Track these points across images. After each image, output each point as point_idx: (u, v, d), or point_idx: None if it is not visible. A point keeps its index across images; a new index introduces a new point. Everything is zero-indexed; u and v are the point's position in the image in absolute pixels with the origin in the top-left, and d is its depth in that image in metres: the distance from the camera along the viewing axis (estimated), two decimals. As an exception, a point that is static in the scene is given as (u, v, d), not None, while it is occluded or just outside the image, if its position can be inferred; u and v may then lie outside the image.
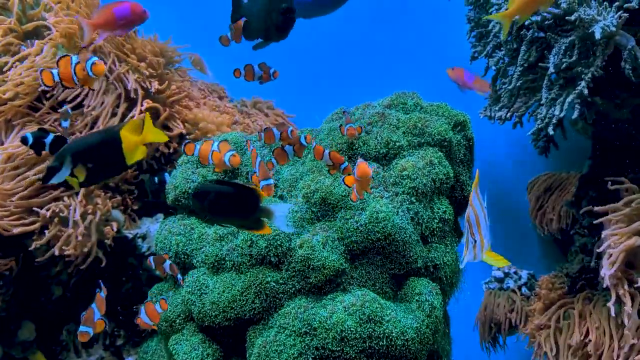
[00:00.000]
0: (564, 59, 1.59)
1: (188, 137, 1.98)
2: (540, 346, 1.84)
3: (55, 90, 1.82)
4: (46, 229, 1.69)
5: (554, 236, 2.23)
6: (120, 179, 1.86)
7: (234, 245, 1.46)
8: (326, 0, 2.34)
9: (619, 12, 1.52)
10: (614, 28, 1.50)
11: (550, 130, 1.64)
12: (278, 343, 1.35)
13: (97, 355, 1.82)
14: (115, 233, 1.77)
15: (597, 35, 1.50)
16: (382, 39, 2.61)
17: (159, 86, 1.90)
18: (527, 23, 1.68)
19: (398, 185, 1.49)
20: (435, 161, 1.52)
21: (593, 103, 1.76)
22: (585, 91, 1.58)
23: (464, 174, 1.64)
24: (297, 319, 1.35)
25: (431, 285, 1.44)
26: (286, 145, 1.46)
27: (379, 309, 1.34)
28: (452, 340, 1.65)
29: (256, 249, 1.43)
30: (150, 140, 1.31)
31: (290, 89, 1.68)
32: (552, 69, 1.61)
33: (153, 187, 1.92)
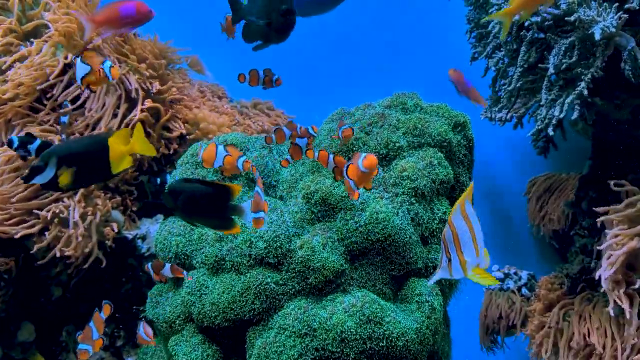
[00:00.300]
0: (563, 60, 1.59)
1: (188, 138, 1.98)
2: (540, 347, 1.84)
3: (55, 90, 1.81)
4: (46, 231, 1.69)
5: (554, 237, 2.23)
6: (120, 179, 1.86)
7: (233, 245, 1.46)
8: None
9: (618, 13, 1.52)
10: (613, 29, 1.50)
11: (550, 131, 1.64)
12: (278, 344, 1.34)
13: (96, 356, 1.82)
14: (115, 234, 1.77)
15: (597, 36, 1.50)
16: (382, 39, 2.61)
17: (160, 86, 1.90)
18: (527, 24, 1.68)
19: (398, 186, 1.49)
20: (435, 162, 1.52)
21: (593, 104, 1.76)
22: (585, 92, 1.58)
23: (464, 174, 1.64)
24: (297, 320, 1.35)
25: (431, 286, 1.44)
26: (297, 138, 1.47)
27: (379, 310, 1.34)
28: (452, 341, 1.65)
29: (256, 249, 1.43)
30: (138, 151, 1.30)
31: (290, 89, 1.68)
32: (551, 70, 1.61)
33: (153, 188, 1.92)
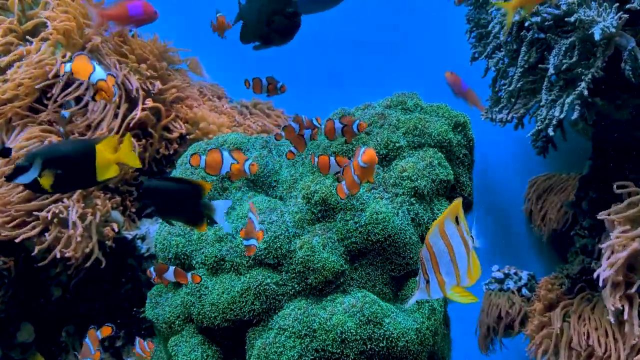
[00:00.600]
0: (564, 60, 1.59)
1: (188, 137, 1.97)
2: (540, 347, 1.83)
3: (54, 90, 1.81)
4: (46, 232, 1.69)
5: (554, 237, 2.22)
6: (120, 179, 1.86)
7: (233, 246, 1.46)
8: None
9: (618, 13, 1.52)
10: (613, 29, 1.50)
11: (551, 132, 1.64)
12: (278, 345, 1.34)
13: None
14: (114, 234, 1.77)
15: (597, 37, 1.50)
16: (382, 39, 2.60)
17: (162, 86, 1.90)
18: (527, 24, 1.68)
19: (398, 186, 1.49)
20: (435, 162, 1.52)
21: (593, 104, 1.75)
22: (586, 92, 1.58)
23: (464, 174, 1.64)
24: (296, 321, 1.35)
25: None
26: (303, 131, 1.48)
27: (379, 311, 1.33)
28: (452, 341, 1.65)
29: (256, 250, 1.42)
30: (124, 161, 1.28)
31: (290, 89, 1.68)
32: (552, 70, 1.61)
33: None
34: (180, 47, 2.08)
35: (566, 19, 1.55)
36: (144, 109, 1.84)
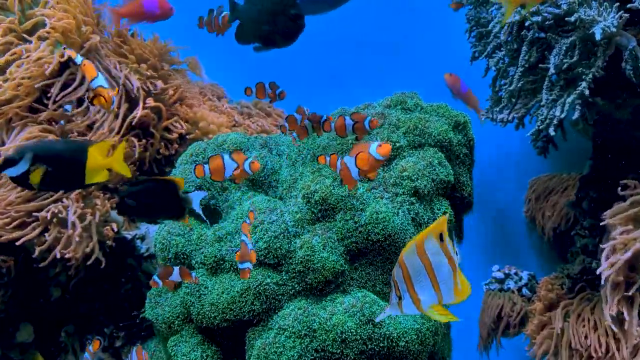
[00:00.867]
0: (564, 60, 1.59)
1: (188, 137, 1.97)
2: (540, 347, 1.83)
3: (52, 89, 1.81)
4: (46, 232, 1.69)
5: (555, 237, 2.22)
6: (120, 179, 1.86)
7: (233, 246, 1.46)
8: None
9: (619, 13, 1.51)
10: (614, 29, 1.50)
11: (552, 131, 1.64)
12: (277, 345, 1.34)
13: (95, 357, 1.81)
14: (114, 234, 1.77)
15: (598, 36, 1.49)
16: (382, 39, 2.60)
17: (164, 85, 1.90)
18: (527, 24, 1.68)
19: (398, 186, 1.48)
20: (435, 162, 1.51)
21: (594, 104, 1.75)
22: (587, 92, 1.57)
23: (464, 174, 1.63)
24: (296, 321, 1.35)
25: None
26: (305, 120, 1.50)
27: (379, 311, 1.33)
28: (452, 341, 1.65)
29: (256, 250, 1.42)
30: (114, 169, 1.27)
31: (291, 89, 1.67)
32: (552, 70, 1.60)
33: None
34: (179, 46, 2.07)
35: (567, 18, 1.55)
36: (145, 108, 1.84)
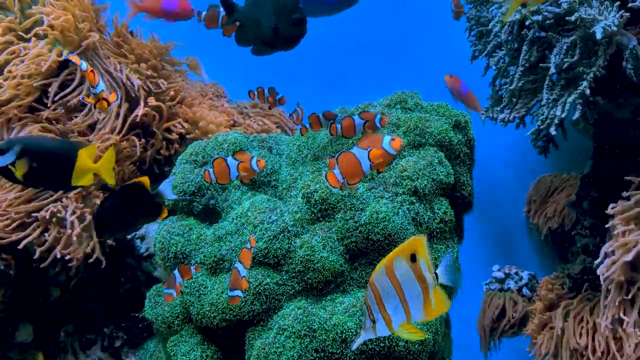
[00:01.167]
0: (565, 59, 1.59)
1: (188, 137, 1.97)
2: (541, 347, 1.83)
3: (50, 88, 1.81)
4: (46, 232, 1.69)
5: (555, 237, 2.22)
6: (120, 179, 1.86)
7: (232, 245, 1.45)
8: (330, 2, 2.32)
9: (620, 12, 1.51)
10: (615, 28, 1.50)
11: (552, 131, 1.63)
12: (277, 345, 1.34)
13: (95, 357, 1.81)
14: (114, 234, 1.76)
15: (598, 36, 1.49)
16: (383, 40, 2.60)
17: (166, 83, 1.90)
18: (528, 23, 1.68)
19: (398, 186, 1.48)
20: (435, 161, 1.51)
21: (595, 103, 1.75)
22: (587, 91, 1.57)
23: (464, 174, 1.63)
24: (296, 321, 1.34)
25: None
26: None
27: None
28: (453, 341, 1.65)
29: (255, 249, 1.42)
30: (100, 174, 1.28)
31: (291, 90, 1.67)
32: (553, 69, 1.60)
33: (154, 189, 1.92)
34: (178, 43, 2.07)
35: (567, 17, 1.55)
36: (146, 106, 1.83)
